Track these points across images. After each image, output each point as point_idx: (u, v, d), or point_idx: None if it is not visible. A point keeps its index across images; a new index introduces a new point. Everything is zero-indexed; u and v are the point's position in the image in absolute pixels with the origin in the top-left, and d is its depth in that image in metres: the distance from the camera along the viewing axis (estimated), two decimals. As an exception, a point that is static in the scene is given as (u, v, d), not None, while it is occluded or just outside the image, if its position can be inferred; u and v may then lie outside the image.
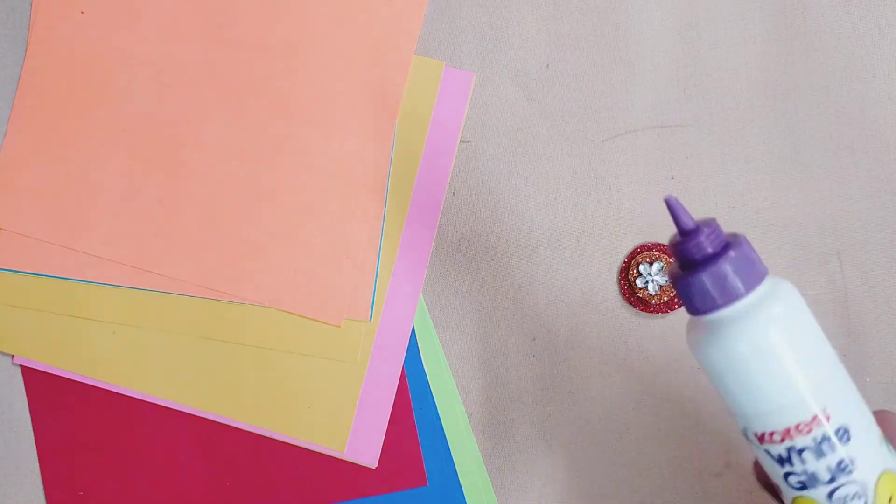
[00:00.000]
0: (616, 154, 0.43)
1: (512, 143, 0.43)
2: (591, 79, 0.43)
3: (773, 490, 0.31)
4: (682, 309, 0.42)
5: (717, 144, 0.43)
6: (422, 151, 0.43)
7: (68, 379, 0.44)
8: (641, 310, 0.42)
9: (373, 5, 0.43)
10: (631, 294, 0.42)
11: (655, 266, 0.42)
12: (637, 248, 0.42)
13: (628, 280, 0.42)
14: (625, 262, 0.42)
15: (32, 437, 0.44)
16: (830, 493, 0.28)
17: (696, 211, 0.43)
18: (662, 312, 0.42)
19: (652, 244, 0.42)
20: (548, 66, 0.43)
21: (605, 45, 0.43)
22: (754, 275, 0.28)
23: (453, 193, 0.43)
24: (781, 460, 0.29)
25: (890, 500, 0.29)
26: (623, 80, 0.43)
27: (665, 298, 0.42)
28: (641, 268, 0.42)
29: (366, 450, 0.43)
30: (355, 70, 0.43)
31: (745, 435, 0.29)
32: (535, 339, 0.43)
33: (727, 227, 0.42)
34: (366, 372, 0.43)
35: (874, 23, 0.43)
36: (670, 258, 0.42)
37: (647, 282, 0.42)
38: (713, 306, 0.28)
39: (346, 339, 0.43)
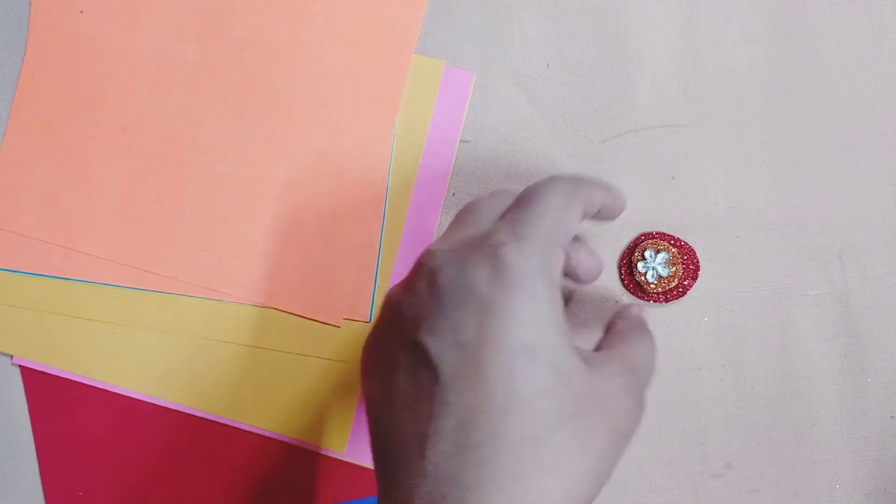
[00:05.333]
0: (616, 154, 0.43)
1: (512, 143, 0.43)
2: (592, 78, 0.43)
3: None
4: (680, 304, 0.42)
5: (718, 144, 0.43)
6: (422, 151, 0.43)
7: (67, 379, 0.44)
8: (639, 296, 0.42)
9: (372, 4, 0.43)
10: (630, 278, 0.42)
11: (661, 255, 0.41)
12: (641, 236, 0.42)
13: (630, 262, 0.42)
14: (629, 245, 0.42)
15: (31, 438, 0.44)
16: None
17: (696, 211, 0.43)
18: (657, 302, 0.42)
19: (658, 233, 0.42)
20: (548, 65, 0.43)
21: (606, 44, 0.43)
22: None
23: (453, 193, 0.43)
24: None
25: None
26: (623, 79, 0.43)
27: (660, 289, 0.42)
28: (647, 253, 0.42)
29: (366, 450, 0.43)
30: (355, 69, 0.43)
31: None
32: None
33: (728, 227, 0.42)
34: (365, 372, 0.43)
35: (875, 22, 0.43)
36: (677, 249, 0.42)
37: (647, 268, 0.41)
38: None
39: (345, 339, 0.43)
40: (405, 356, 0.31)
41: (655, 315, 0.42)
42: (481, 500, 0.28)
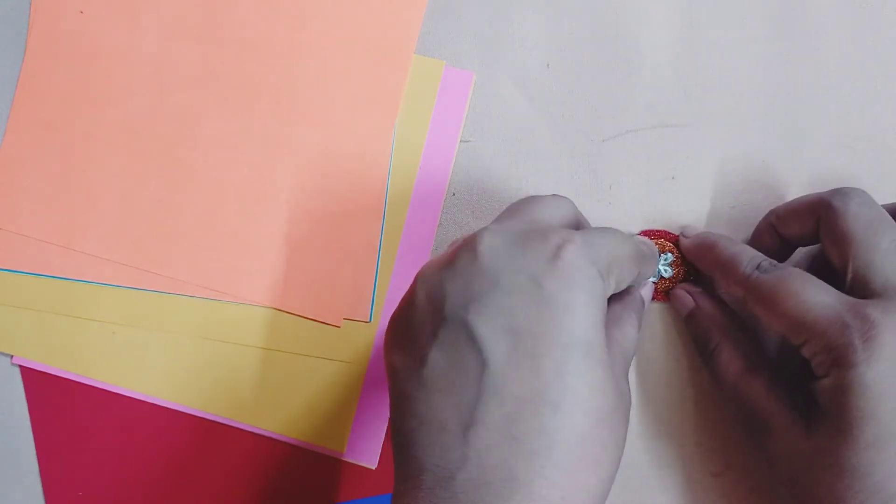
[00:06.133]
0: (616, 154, 0.43)
1: (512, 143, 0.43)
2: (591, 79, 0.43)
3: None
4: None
5: (718, 144, 0.43)
6: (422, 151, 0.43)
7: (68, 379, 0.44)
8: None
9: (373, 4, 0.43)
10: None
11: (664, 257, 0.41)
12: (642, 235, 0.42)
13: None
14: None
15: (31, 438, 0.44)
16: None
17: (695, 211, 0.43)
18: (659, 301, 0.42)
19: (660, 231, 0.42)
20: (548, 65, 0.43)
21: (606, 44, 0.43)
22: None
23: (453, 193, 0.43)
24: None
25: None
26: (623, 79, 0.43)
27: (662, 289, 0.42)
28: None
29: (366, 450, 0.43)
30: (355, 69, 0.43)
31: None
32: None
33: (727, 227, 0.42)
34: (366, 372, 0.43)
35: (875, 22, 0.43)
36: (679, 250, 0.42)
37: None
38: None
39: (345, 339, 0.43)
40: (445, 334, 0.30)
41: (656, 313, 0.42)
42: (531, 491, 0.28)
